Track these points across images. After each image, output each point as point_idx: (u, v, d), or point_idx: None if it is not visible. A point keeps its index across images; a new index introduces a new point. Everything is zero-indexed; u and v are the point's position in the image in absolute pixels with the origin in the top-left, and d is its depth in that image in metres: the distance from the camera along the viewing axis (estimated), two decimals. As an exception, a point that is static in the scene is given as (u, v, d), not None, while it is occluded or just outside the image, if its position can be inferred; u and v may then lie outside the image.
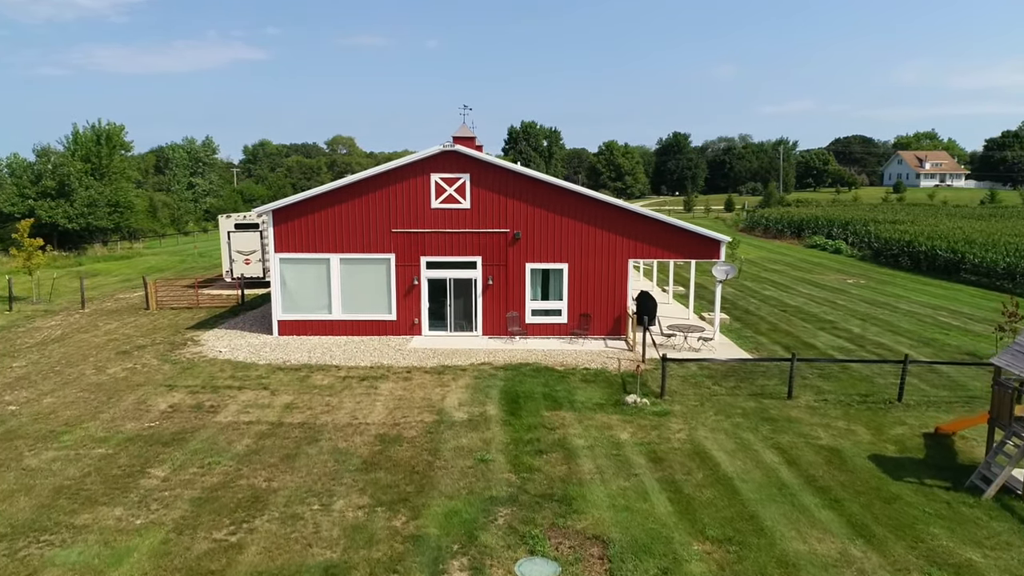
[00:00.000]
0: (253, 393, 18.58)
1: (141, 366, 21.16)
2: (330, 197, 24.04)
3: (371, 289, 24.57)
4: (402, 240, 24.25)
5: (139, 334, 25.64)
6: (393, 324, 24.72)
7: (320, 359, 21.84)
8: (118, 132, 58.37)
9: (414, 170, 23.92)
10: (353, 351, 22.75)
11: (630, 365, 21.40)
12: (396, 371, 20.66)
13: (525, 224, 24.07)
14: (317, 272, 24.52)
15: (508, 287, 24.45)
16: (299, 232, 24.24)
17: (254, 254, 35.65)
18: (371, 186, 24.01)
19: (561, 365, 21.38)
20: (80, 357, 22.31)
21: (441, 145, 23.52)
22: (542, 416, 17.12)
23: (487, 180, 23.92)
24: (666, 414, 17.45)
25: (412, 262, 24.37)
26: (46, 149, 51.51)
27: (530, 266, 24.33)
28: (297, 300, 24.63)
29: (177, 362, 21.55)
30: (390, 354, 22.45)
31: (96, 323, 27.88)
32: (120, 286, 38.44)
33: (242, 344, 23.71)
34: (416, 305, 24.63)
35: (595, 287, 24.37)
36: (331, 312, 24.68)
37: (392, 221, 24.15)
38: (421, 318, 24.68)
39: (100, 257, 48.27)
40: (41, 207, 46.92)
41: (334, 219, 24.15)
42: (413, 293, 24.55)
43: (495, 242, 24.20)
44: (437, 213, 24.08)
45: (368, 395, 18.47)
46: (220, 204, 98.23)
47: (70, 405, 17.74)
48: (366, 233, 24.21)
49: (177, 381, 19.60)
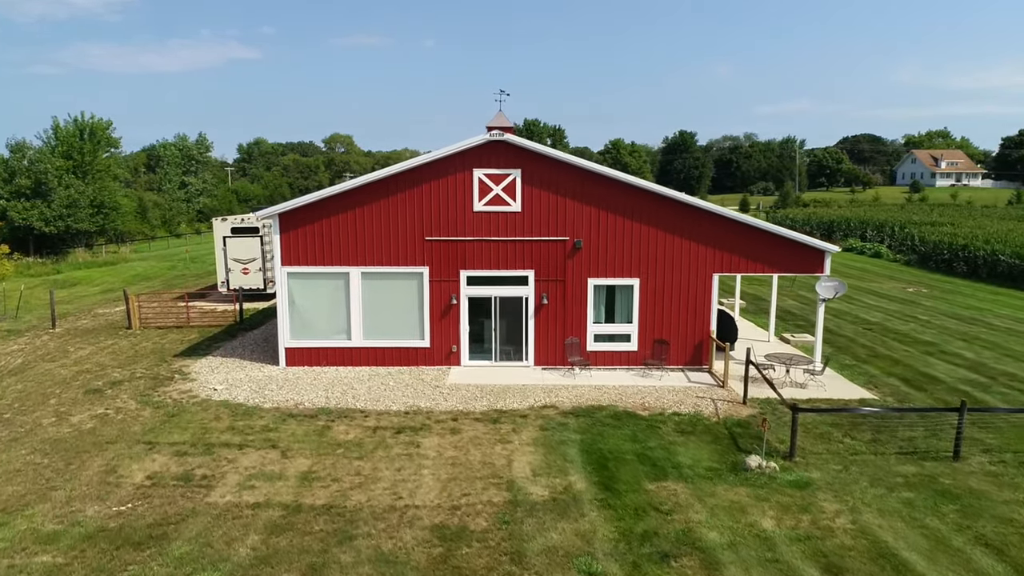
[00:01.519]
0: (259, 455, 14.18)
1: (115, 411, 16.73)
2: (349, 198, 19.65)
3: (399, 310, 20.19)
4: (438, 250, 19.88)
5: (116, 363, 21.19)
6: (426, 352, 20.34)
7: (340, 401, 17.45)
8: (104, 127, 53.71)
9: (453, 164, 19.55)
10: (380, 389, 18.36)
11: (729, 408, 17.10)
12: (439, 418, 16.29)
13: (588, 231, 19.73)
14: (333, 289, 20.13)
15: (566, 307, 20.10)
16: (311, 241, 19.84)
17: (253, 263, 31.18)
18: (399, 185, 19.63)
19: (643, 408, 17.06)
20: (39, 397, 17.86)
21: (487, 133, 19.17)
22: (646, 491, 12.80)
23: (542, 177, 19.57)
24: (807, 485, 13.15)
25: (450, 277, 20.00)
26: (20, 144, 46.97)
27: (593, 282, 19.99)
28: (309, 323, 20.23)
29: (161, 405, 17.13)
30: (427, 392, 18.07)
31: (66, 347, 23.41)
32: (100, 298, 33.92)
33: (242, 379, 19.29)
34: (454, 329, 20.25)
35: (672, 307, 20.05)
36: (350, 338, 20.28)
37: (425, 227, 19.77)
38: (460, 345, 20.30)
39: (81, 263, 43.74)
40: (14, 208, 42.31)
41: (354, 225, 19.76)
42: (450, 314, 20.18)
43: (551, 253, 19.85)
44: (481, 217, 19.72)
45: (410, 457, 14.10)
46: (214, 204, 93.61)
47: (14, 476, 13.30)
48: (393, 242, 19.83)
49: (159, 435, 15.18)
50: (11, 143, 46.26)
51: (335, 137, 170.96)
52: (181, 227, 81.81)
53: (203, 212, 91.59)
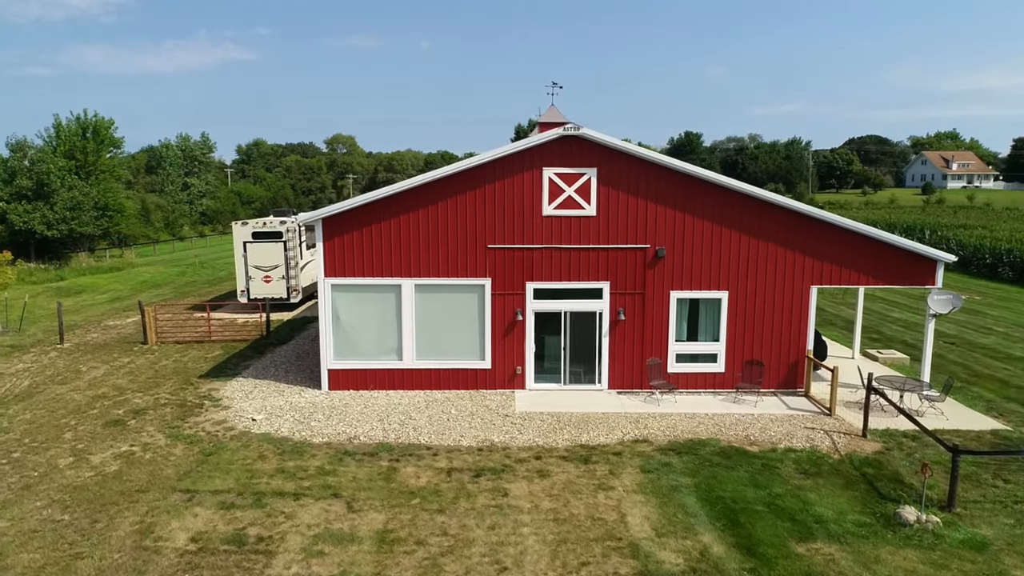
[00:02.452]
0: (320, 508, 11.89)
1: (141, 449, 14.42)
2: (402, 201, 17.39)
3: (457, 327, 17.93)
4: (501, 260, 17.63)
5: (136, 386, 18.87)
6: (487, 374, 18.08)
7: (400, 434, 15.18)
8: (106, 126, 51.25)
9: (520, 163, 17.30)
10: (443, 419, 16.09)
11: (849, 442, 14.87)
12: (519, 456, 14.03)
13: (671, 238, 17.51)
14: (383, 303, 17.86)
15: (645, 323, 17.86)
16: (359, 248, 17.57)
17: (276, 270, 28.88)
18: (459, 186, 17.38)
19: (750, 443, 14.83)
20: (53, 430, 15.54)
21: (562, 127, 16.92)
22: (797, 555, 10.56)
23: (621, 176, 17.33)
24: (984, 546, 10.93)
25: (514, 290, 17.75)
26: (21, 143, 44.54)
27: (676, 295, 17.76)
28: (355, 342, 17.95)
29: (194, 440, 14.82)
30: (496, 423, 15.81)
31: (78, 366, 21.07)
32: (109, 308, 31.56)
33: (282, 406, 16.99)
34: (519, 348, 18.00)
35: (764, 323, 17.82)
36: (401, 358, 18.00)
37: (488, 234, 17.51)
38: (525, 366, 18.04)
39: (85, 269, 41.31)
40: (14, 210, 39.81)
41: (407, 231, 17.50)
42: (515, 331, 17.92)
43: (629, 262, 17.62)
44: (551, 223, 17.47)
45: (500, 510, 11.83)
46: (217, 206, 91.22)
47: (29, 540, 10.98)
48: (452, 250, 17.58)
49: (198, 481, 12.88)
50: (11, 142, 43.90)
51: (337, 138, 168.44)
52: (184, 230, 79.35)
53: (206, 214, 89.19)
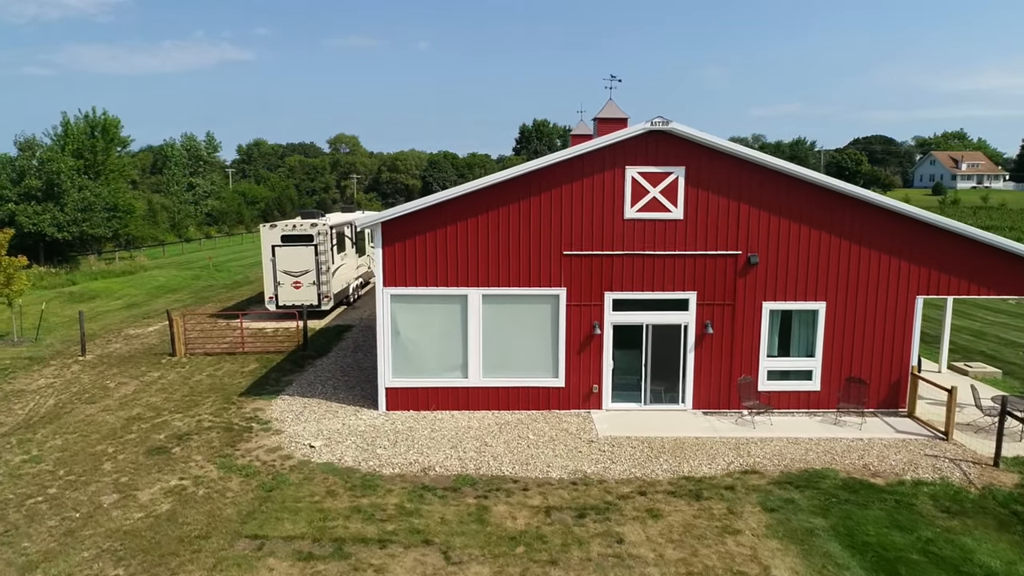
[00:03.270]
0: (413, 558, 10.28)
1: (192, 483, 12.79)
2: (468, 204, 15.80)
3: (528, 341, 16.34)
4: (578, 267, 16.04)
5: (172, 405, 17.24)
6: (560, 393, 16.49)
7: (478, 463, 13.58)
8: (115, 124, 49.52)
9: (600, 161, 15.72)
10: (521, 445, 14.50)
11: (982, 473, 13.31)
12: (620, 492, 12.44)
13: (764, 243, 15.95)
14: (447, 316, 16.26)
15: (734, 337, 16.30)
16: (420, 256, 15.97)
17: (306, 275, 27.23)
18: (531, 187, 15.79)
19: (872, 474, 13.26)
20: (89, 460, 13.90)
21: (648, 121, 15.33)
22: (987, 620, 9.01)
23: (711, 175, 15.75)
24: None
25: (592, 300, 16.17)
26: (30, 142, 42.77)
27: (769, 306, 16.19)
28: (416, 357, 16.35)
29: (250, 472, 13.20)
30: (582, 450, 14.22)
31: (104, 382, 19.43)
32: (127, 315, 29.89)
33: (339, 429, 15.38)
34: (595, 364, 16.42)
35: (864, 337, 16.27)
36: (466, 375, 16.42)
37: (563, 239, 15.93)
38: (602, 383, 16.47)
39: (96, 273, 39.61)
40: (23, 212, 38.06)
41: (474, 237, 15.91)
42: (591, 346, 16.35)
43: (718, 270, 16.05)
44: (633, 227, 15.89)
45: (621, 562, 10.22)
46: (222, 207, 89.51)
47: (82, 602, 9.39)
48: (523, 257, 15.99)
49: (265, 524, 11.26)
50: (20, 140, 42.18)
51: (340, 137, 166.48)
52: (190, 231, 77.58)
53: (211, 215, 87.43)
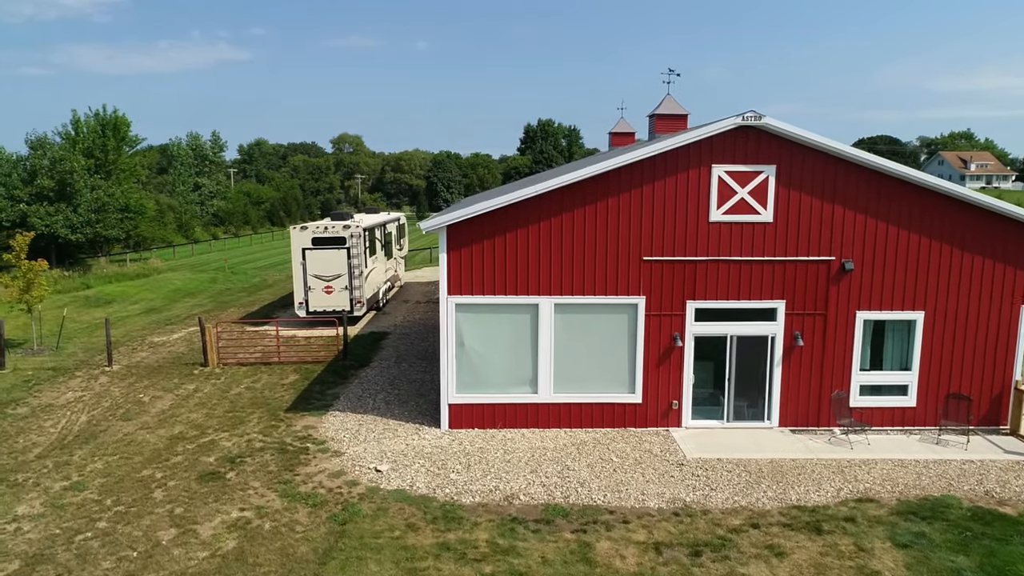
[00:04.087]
0: (524, 608, 9.10)
1: (256, 514, 11.58)
2: (540, 206, 14.61)
3: (603, 353, 15.15)
4: (658, 274, 14.86)
5: (216, 422, 16.03)
6: (636, 410, 15.31)
7: (564, 489, 12.39)
8: (126, 123, 48.26)
9: (684, 159, 14.54)
10: (605, 468, 13.31)
11: (1118, 500, 12.16)
12: (730, 524, 11.26)
13: (859, 248, 14.78)
14: (516, 326, 15.07)
15: (825, 349, 15.13)
16: (488, 262, 14.79)
17: (338, 279, 26.03)
18: (609, 188, 14.60)
19: (997, 501, 12.08)
20: (137, 487, 12.68)
21: (739, 116, 14.15)
22: None
23: (804, 175, 14.58)
24: None
25: (672, 310, 14.99)
26: (42, 140, 41.47)
27: (863, 316, 15.01)
28: (482, 371, 15.16)
29: (317, 502, 12.00)
30: (674, 475, 13.03)
31: (137, 395, 18.22)
32: (148, 321, 28.65)
33: (403, 450, 14.18)
34: (675, 378, 15.24)
35: (964, 349, 15.11)
36: (536, 390, 15.23)
37: (643, 244, 14.76)
38: (682, 399, 15.30)
39: (110, 276, 38.35)
40: (35, 213, 36.78)
41: (546, 242, 14.72)
42: (671, 358, 15.17)
43: (810, 277, 14.88)
44: (718, 230, 14.71)
45: (760, 611, 9.07)
46: (228, 207, 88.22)
47: (158, 666, 8.19)
48: (599, 263, 14.80)
49: (347, 567, 10.02)
50: (31, 139, 40.88)
51: (343, 137, 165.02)
52: (196, 232, 76.30)
53: (218, 215, 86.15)
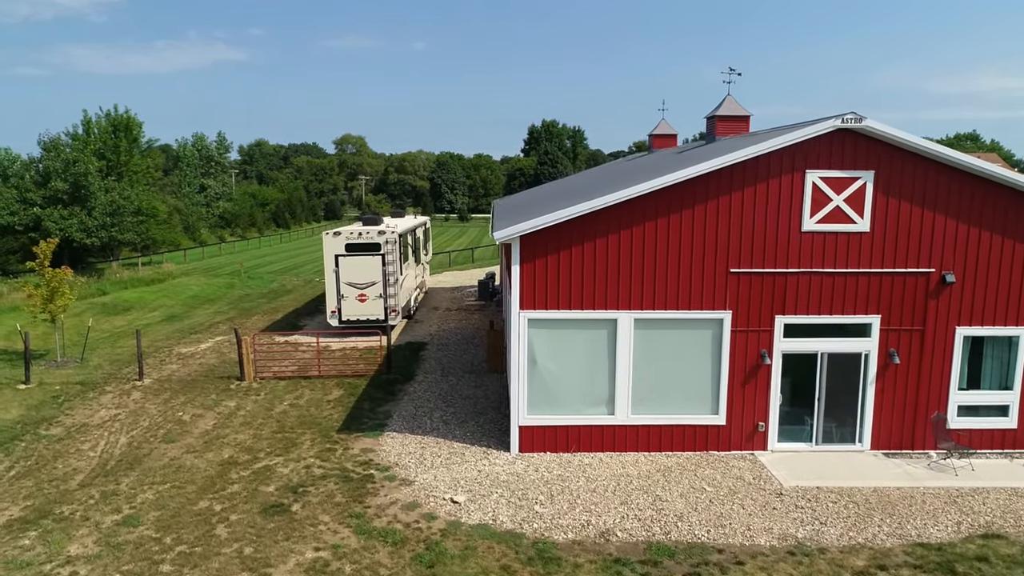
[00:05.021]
0: (660, 672, 8.10)
1: (332, 554, 10.55)
2: (619, 215, 13.61)
3: (684, 371, 14.16)
4: (746, 287, 13.88)
5: (266, 444, 15.00)
6: (719, 432, 14.32)
7: (662, 523, 11.39)
8: (138, 124, 47.20)
9: (776, 165, 13.55)
10: (699, 498, 12.31)
11: None
12: (851, 564, 10.24)
13: (961, 259, 13.81)
14: (592, 343, 14.07)
15: (921, 367, 14.16)
16: (564, 274, 13.78)
17: (372, 287, 24.99)
18: (695, 195, 13.62)
19: None
20: (196, 522, 11.63)
21: (838, 118, 13.17)
22: None
23: (904, 181, 13.59)
24: None
25: (760, 325, 14.00)
26: (55, 142, 40.35)
27: (963, 332, 14.05)
28: (555, 390, 14.16)
29: (395, 538, 10.98)
30: (776, 506, 12.04)
31: (175, 412, 17.18)
32: (171, 330, 27.60)
33: (475, 477, 13.16)
34: (761, 398, 14.26)
35: (1071, 367, 14.17)
36: (613, 412, 14.23)
37: (730, 255, 13.78)
38: (768, 420, 14.32)
39: (126, 282, 37.27)
40: (50, 216, 35.70)
41: (627, 253, 13.73)
42: (758, 377, 14.18)
43: (907, 290, 13.90)
44: (811, 240, 13.73)
45: (924, 674, 8.08)
46: (234, 209, 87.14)
47: None
48: (683, 276, 13.82)
49: (448, 618, 9.06)
50: (44, 140, 39.79)
51: (346, 138, 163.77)
52: (203, 234, 75.22)
53: (224, 217, 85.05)
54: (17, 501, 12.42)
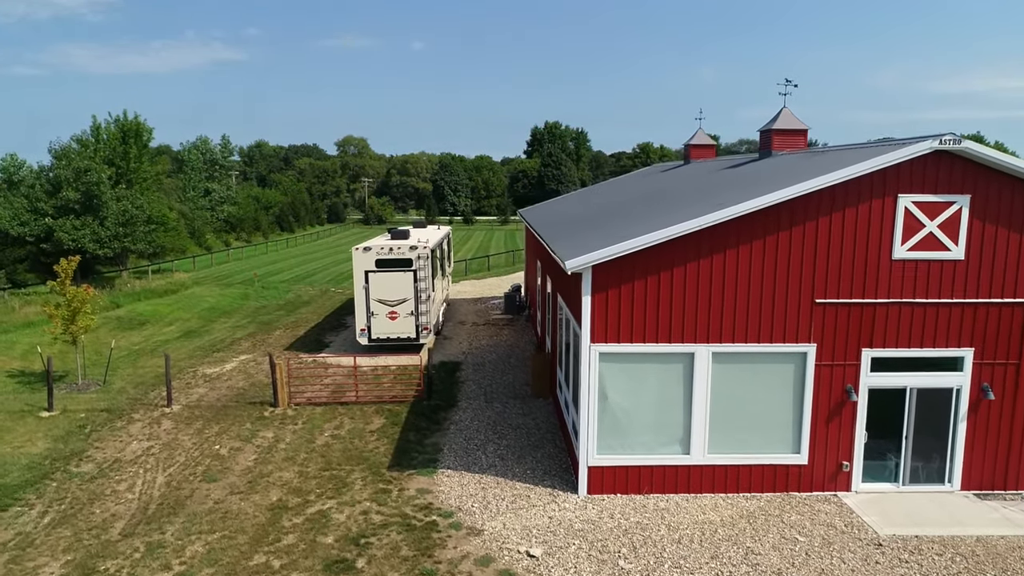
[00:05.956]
0: None
1: (411, 621, 9.69)
2: (697, 242, 12.72)
3: (763, 408, 13.29)
4: (832, 318, 13.01)
5: (313, 483, 14.08)
6: (801, 472, 13.45)
7: (761, 582, 10.54)
8: (148, 130, 46.16)
9: (868, 188, 12.67)
10: (791, 549, 11.43)
11: None
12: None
13: (1060, 288, 12.98)
14: (667, 378, 13.20)
15: (1017, 403, 13.30)
16: (639, 306, 12.90)
17: (403, 304, 24.09)
18: (775, 222, 12.74)
19: None
20: (251, 577, 10.76)
21: (935, 139, 12.30)
22: None
23: (1000, 205, 12.73)
24: None
25: (846, 358, 13.13)
26: (66, 150, 39.32)
27: (1061, 365, 13.23)
28: (627, 428, 13.28)
29: (476, 601, 10.11)
30: (876, 558, 11.17)
31: (212, 446, 16.25)
32: (191, 347, 26.63)
33: (548, 525, 12.27)
34: (845, 436, 13.39)
35: None
36: (688, 451, 13.36)
37: (816, 284, 12.92)
38: (852, 459, 13.45)
39: (138, 293, 36.29)
40: (62, 227, 34.74)
41: (706, 282, 12.85)
42: (842, 413, 13.32)
43: (1003, 321, 13.03)
44: (902, 269, 12.87)
45: None
46: (239, 213, 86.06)
47: None
48: (765, 306, 12.94)
49: None
50: (54, 148, 38.82)
51: (348, 140, 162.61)
52: (208, 239, 74.14)
53: (229, 221, 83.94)
54: (57, 555, 11.51)
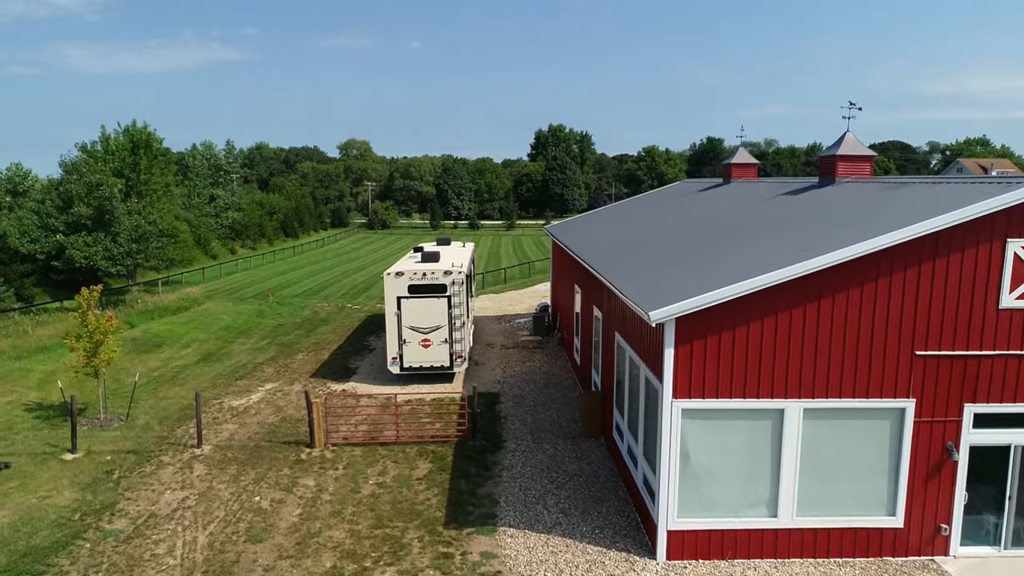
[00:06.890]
0: None
1: None
2: (788, 292, 11.78)
3: (857, 466, 12.33)
4: (932, 372, 12.07)
5: (367, 546, 13.08)
6: (897, 535, 12.50)
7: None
8: (158, 140, 45.07)
9: (974, 234, 11.76)
10: (907, 633, 10.52)
11: None
12: None
13: None
14: (755, 435, 12.25)
15: None
16: (726, 359, 11.94)
17: (437, 332, 23.11)
18: (872, 269, 11.80)
19: None
20: (318, 668, 9.77)
21: None
22: None
23: (1118, 252, 11.86)
24: None
25: (947, 415, 12.19)
26: (77, 164, 38.24)
27: None
28: (710, 490, 12.32)
29: None
30: (1001, 644, 10.27)
31: (251, 497, 15.25)
32: (212, 374, 25.59)
33: (632, 600, 11.34)
34: (944, 497, 12.45)
35: None
36: (776, 513, 12.40)
37: (916, 335, 11.98)
38: (951, 521, 12.52)
39: (152, 311, 35.24)
40: (74, 244, 33.67)
41: (798, 335, 11.89)
42: (941, 473, 12.39)
43: (1116, 375, 12.14)
44: (1009, 319, 11.92)
45: None
46: (244, 219, 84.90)
47: None
48: (860, 359, 11.99)
49: None
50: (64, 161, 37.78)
51: (351, 142, 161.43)
52: (214, 247, 73.03)
53: (234, 228, 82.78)
54: (101, 639, 10.54)
